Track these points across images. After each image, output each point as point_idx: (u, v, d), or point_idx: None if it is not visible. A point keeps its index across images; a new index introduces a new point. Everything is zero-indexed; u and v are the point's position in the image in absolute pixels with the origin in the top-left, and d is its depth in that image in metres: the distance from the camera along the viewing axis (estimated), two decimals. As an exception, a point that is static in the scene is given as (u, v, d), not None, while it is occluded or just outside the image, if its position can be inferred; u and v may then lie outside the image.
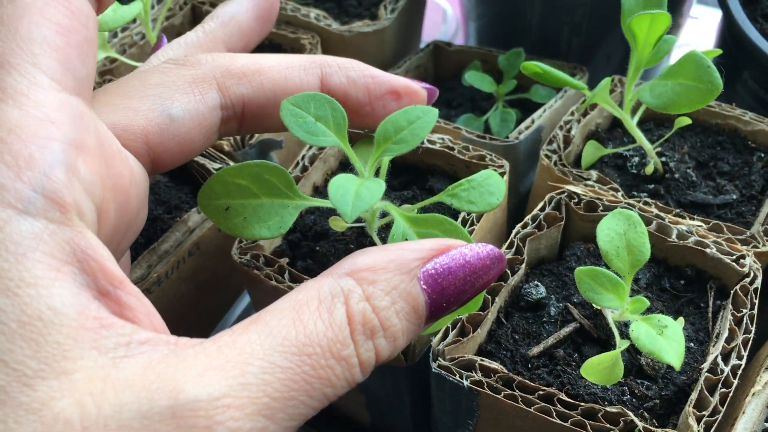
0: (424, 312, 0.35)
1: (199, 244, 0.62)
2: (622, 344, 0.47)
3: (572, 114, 0.68)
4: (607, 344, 0.52)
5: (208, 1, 0.84)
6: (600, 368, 0.46)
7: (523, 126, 0.70)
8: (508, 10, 0.86)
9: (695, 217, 0.58)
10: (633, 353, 0.51)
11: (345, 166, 0.68)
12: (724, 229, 0.57)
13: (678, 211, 0.58)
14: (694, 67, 0.55)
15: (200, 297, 0.65)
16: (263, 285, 0.56)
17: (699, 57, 0.55)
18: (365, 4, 0.85)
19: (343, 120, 0.49)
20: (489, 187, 0.52)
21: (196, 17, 0.85)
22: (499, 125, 0.73)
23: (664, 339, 0.45)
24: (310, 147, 0.65)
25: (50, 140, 0.31)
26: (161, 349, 0.30)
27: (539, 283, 0.55)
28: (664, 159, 0.65)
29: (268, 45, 0.81)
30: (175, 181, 0.67)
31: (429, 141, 0.64)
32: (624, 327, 0.52)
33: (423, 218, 0.45)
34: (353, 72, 0.47)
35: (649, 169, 0.63)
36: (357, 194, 0.43)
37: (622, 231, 0.49)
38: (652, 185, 0.63)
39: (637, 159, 0.66)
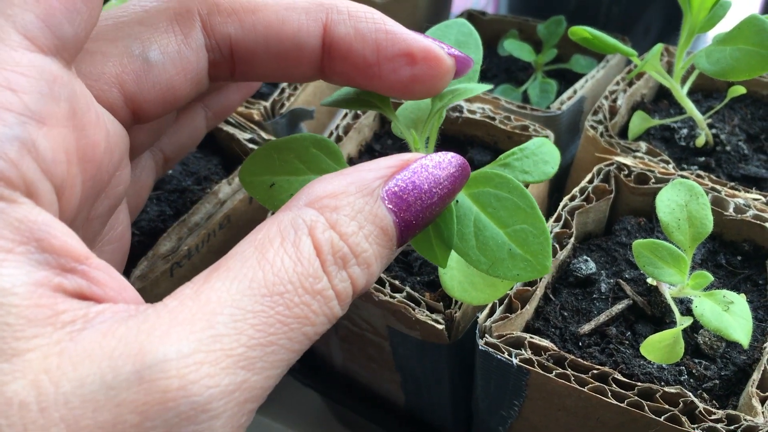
0: (394, 233, 0.33)
1: (230, 216, 0.59)
2: (683, 321, 0.44)
3: (617, 84, 0.65)
4: (661, 322, 0.50)
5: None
6: (660, 346, 0.43)
7: (565, 96, 0.67)
8: (544, -22, 0.83)
9: (751, 190, 0.55)
10: (689, 331, 0.49)
11: (378, 137, 0.65)
12: (783, 203, 0.54)
13: (733, 184, 0.55)
14: (754, 31, 0.52)
15: (230, 271, 0.63)
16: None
17: (760, 21, 0.52)
18: (396, -30, 0.81)
19: None
20: (543, 155, 0.50)
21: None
22: (539, 96, 0.70)
23: (731, 315, 0.42)
24: (344, 116, 0.63)
25: (6, 110, 0.27)
26: (121, 315, 0.27)
27: (588, 258, 0.53)
28: (714, 131, 0.62)
29: (296, 13, 0.79)
30: (204, 151, 0.64)
31: (469, 111, 0.62)
32: (681, 303, 0.50)
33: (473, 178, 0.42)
34: (364, 24, 0.39)
35: (699, 141, 0.61)
36: None
37: (684, 202, 0.46)
38: (703, 158, 0.60)
39: (685, 131, 0.63)
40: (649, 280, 0.50)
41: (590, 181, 0.55)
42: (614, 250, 0.54)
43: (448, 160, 0.35)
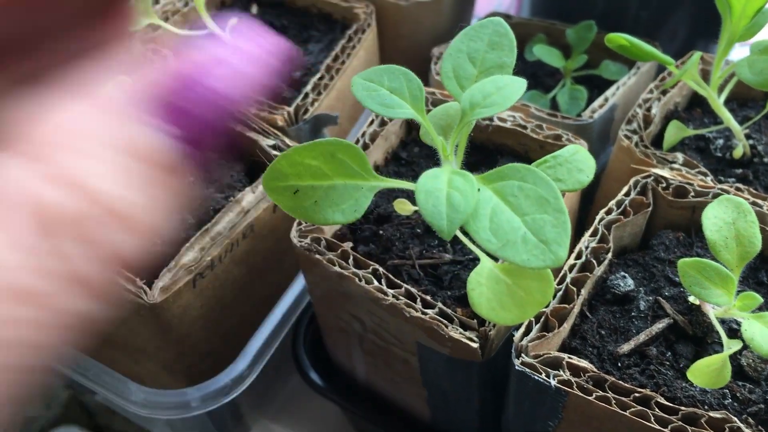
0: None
1: (254, 226, 0.58)
2: (731, 345, 0.43)
3: (651, 92, 0.63)
4: (703, 342, 0.48)
5: (254, -32, 0.79)
6: (708, 371, 0.42)
7: (596, 104, 0.65)
8: (571, -19, 0.81)
9: (793, 205, 0.54)
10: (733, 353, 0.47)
11: (405, 144, 0.64)
12: (827, 218, 0.52)
13: (774, 198, 0.54)
14: (800, 41, 0.50)
15: (252, 281, 0.61)
16: (325, 271, 0.53)
17: (807, 30, 0.50)
18: (419, -28, 0.80)
19: (419, 91, 0.46)
20: (577, 163, 0.48)
21: (241, -16, 0.80)
22: (568, 103, 0.68)
23: (782, 339, 0.41)
24: (371, 124, 0.61)
25: None
26: None
27: (626, 275, 0.51)
28: (751, 142, 0.60)
29: (317, 13, 0.77)
30: (226, 158, 0.62)
31: (499, 118, 0.60)
32: (723, 324, 0.48)
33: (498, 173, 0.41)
34: None
35: (737, 153, 0.59)
36: (450, 203, 0.39)
37: (731, 220, 0.44)
38: (740, 170, 0.59)
39: (721, 141, 0.61)
40: (691, 299, 0.49)
41: (627, 194, 0.54)
42: (652, 266, 0.52)
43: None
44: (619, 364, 0.47)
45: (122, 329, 0.58)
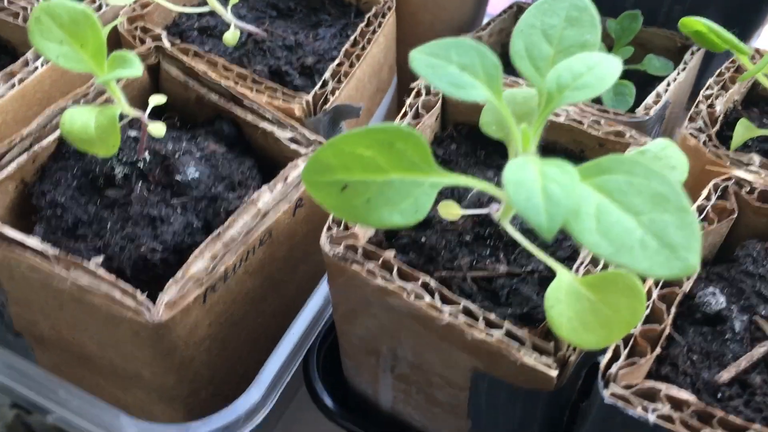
0: None
1: (272, 230, 0.49)
2: None
3: (710, 87, 0.57)
4: (809, 369, 0.42)
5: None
6: None
7: (649, 100, 0.59)
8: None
9: None
10: None
11: (441, 141, 0.56)
12: None
13: None
14: None
15: (265, 294, 0.53)
16: (362, 284, 0.45)
17: None
18: (439, -45, 0.73)
19: (495, 70, 0.39)
20: (669, 159, 0.42)
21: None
22: (614, 99, 0.62)
23: None
24: (404, 116, 0.53)
25: None
26: None
27: (716, 291, 0.44)
28: (823, 144, 0.55)
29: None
30: (235, 151, 0.54)
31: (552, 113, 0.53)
32: (837, 349, 0.41)
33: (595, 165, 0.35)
34: None
35: (814, 155, 0.53)
36: (547, 195, 0.32)
37: None
38: (815, 174, 0.53)
39: (789, 143, 0.55)
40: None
41: (707, 198, 0.47)
42: (741, 281, 0.45)
43: None
44: (719, 395, 0.41)
45: (112, 352, 0.49)
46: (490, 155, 0.55)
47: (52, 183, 0.50)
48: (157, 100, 0.50)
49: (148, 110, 0.49)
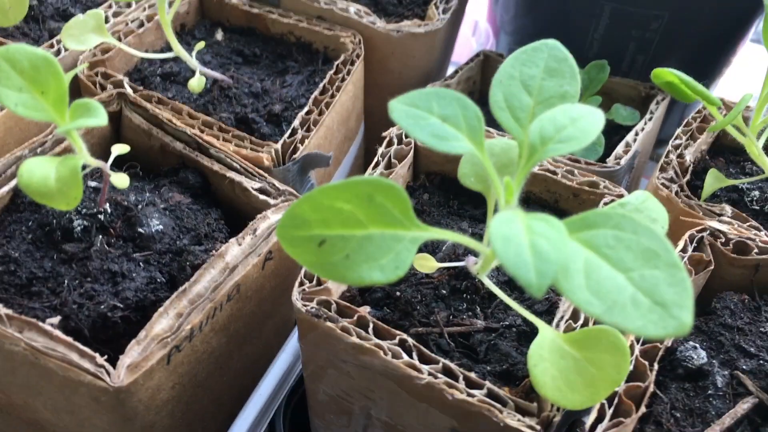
0: None
1: (240, 285, 0.47)
2: None
3: (679, 137, 0.57)
4: (792, 425, 0.41)
5: (220, -11, 0.70)
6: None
7: (620, 150, 0.59)
8: (562, 23, 0.75)
9: None
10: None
11: (413, 191, 0.55)
12: None
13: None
14: None
15: (230, 353, 0.50)
16: (337, 342, 0.43)
17: None
18: (405, 2, 0.72)
19: (478, 121, 0.38)
20: (649, 212, 0.41)
21: (204, 5, 0.70)
22: (585, 149, 0.62)
23: None
24: (376, 166, 0.52)
25: None
26: None
27: (697, 346, 0.43)
28: (789, 194, 0.55)
29: (295, 42, 0.68)
30: (201, 202, 0.52)
31: (526, 162, 0.52)
32: (820, 404, 0.41)
33: (581, 219, 0.34)
34: None
35: (783, 205, 0.53)
36: (535, 251, 0.31)
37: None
38: (783, 224, 0.53)
39: (756, 193, 0.56)
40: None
41: (683, 250, 0.47)
42: (719, 334, 0.45)
43: None
44: (705, 455, 0.40)
45: (68, 419, 0.46)
46: (463, 205, 0.55)
47: (6, 236, 0.47)
48: (119, 149, 0.48)
49: (111, 160, 0.47)
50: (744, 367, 0.43)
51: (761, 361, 0.43)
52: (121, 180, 0.46)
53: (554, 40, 0.42)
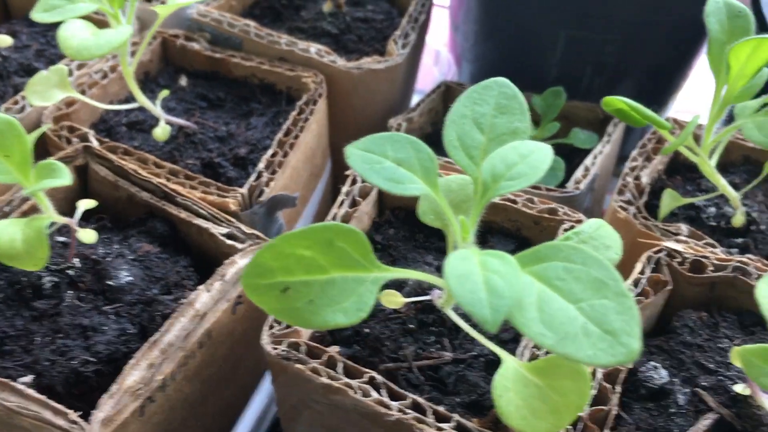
0: None
1: (212, 332, 0.48)
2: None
3: (635, 159, 0.59)
4: (753, 437, 0.42)
5: (182, 35, 0.71)
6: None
7: (578, 174, 0.60)
8: (521, 49, 0.77)
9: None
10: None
11: (378, 226, 0.56)
12: None
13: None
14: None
15: (204, 398, 0.51)
16: (307, 382, 0.44)
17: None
18: (366, 39, 0.74)
19: (431, 162, 0.39)
20: (603, 239, 0.43)
21: (167, 52, 0.72)
22: (545, 175, 0.63)
23: None
24: (341, 205, 0.53)
25: None
26: None
27: (658, 365, 0.45)
28: (745, 209, 0.57)
29: (258, 84, 0.69)
30: (169, 250, 0.53)
31: (486, 193, 0.54)
32: (778, 416, 0.42)
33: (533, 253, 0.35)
34: None
35: (737, 221, 0.55)
36: (490, 288, 0.32)
37: (789, 298, 0.39)
38: (740, 239, 0.55)
39: (713, 209, 0.57)
40: (739, 389, 0.43)
41: (642, 272, 0.48)
42: (680, 352, 0.46)
43: None
44: (671, 473, 0.41)
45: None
46: (428, 238, 0.56)
47: (-24, 297, 0.47)
48: (86, 204, 0.49)
49: (78, 216, 0.48)
50: (704, 383, 0.44)
51: (719, 377, 0.44)
52: (88, 236, 0.46)
53: (503, 78, 0.44)
